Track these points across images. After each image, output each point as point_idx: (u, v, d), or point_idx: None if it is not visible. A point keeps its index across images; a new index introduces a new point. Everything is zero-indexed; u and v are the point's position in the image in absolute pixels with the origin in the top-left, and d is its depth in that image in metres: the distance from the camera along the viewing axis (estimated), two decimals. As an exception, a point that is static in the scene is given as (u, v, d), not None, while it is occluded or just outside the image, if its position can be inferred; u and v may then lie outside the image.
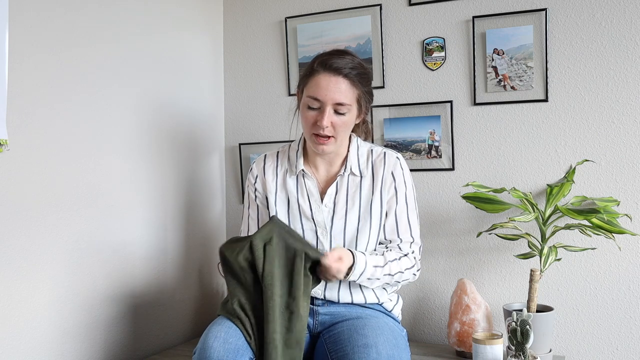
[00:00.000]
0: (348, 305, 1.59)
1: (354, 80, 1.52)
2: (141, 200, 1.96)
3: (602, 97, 1.85)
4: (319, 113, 1.52)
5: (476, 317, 1.80)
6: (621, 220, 1.75)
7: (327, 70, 1.51)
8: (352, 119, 1.56)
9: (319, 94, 1.51)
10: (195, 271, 2.23)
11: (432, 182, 2.06)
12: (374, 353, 1.35)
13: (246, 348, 1.38)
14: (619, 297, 1.83)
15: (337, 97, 1.50)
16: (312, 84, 1.52)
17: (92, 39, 1.77)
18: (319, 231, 1.59)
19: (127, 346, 1.90)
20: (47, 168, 1.63)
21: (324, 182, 1.64)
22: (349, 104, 1.52)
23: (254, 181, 1.69)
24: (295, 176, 1.64)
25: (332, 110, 1.51)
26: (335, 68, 1.50)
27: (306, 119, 1.55)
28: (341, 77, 1.50)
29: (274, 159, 1.69)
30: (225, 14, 2.41)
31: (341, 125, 1.53)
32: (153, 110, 2.01)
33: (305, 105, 1.55)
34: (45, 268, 1.63)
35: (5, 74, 1.45)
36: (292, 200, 1.63)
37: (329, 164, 1.64)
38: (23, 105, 1.56)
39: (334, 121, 1.52)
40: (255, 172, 1.70)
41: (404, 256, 1.58)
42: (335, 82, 1.50)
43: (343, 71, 1.50)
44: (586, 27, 1.86)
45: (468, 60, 2.01)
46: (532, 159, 1.93)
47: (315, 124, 1.53)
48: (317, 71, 1.52)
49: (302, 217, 1.61)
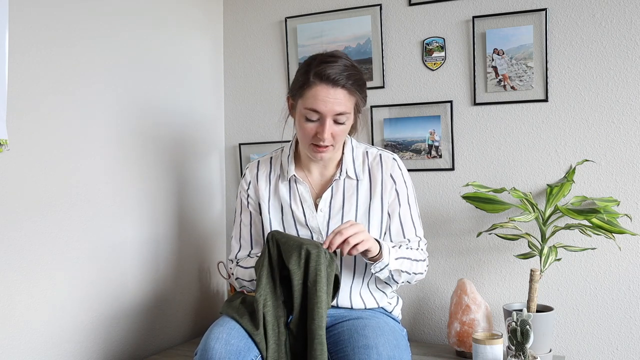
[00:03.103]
0: (347, 309, 1.59)
1: (350, 89, 1.50)
2: (141, 200, 1.96)
3: (602, 97, 1.85)
4: (319, 125, 1.50)
5: (476, 317, 1.80)
6: (621, 220, 1.75)
7: (325, 82, 1.48)
8: (349, 125, 1.56)
9: (318, 106, 1.48)
10: (196, 271, 2.23)
11: (432, 182, 2.06)
12: (375, 354, 1.35)
13: (249, 349, 1.37)
14: (619, 297, 1.83)
15: (337, 108, 1.49)
16: (310, 96, 1.49)
17: (92, 39, 1.77)
18: (314, 237, 1.58)
19: (127, 346, 1.90)
20: (47, 168, 1.63)
21: (318, 187, 1.63)
22: (348, 112, 1.51)
23: (247, 187, 1.68)
24: (287, 182, 1.63)
25: (331, 121, 1.50)
26: (332, 80, 1.47)
27: (304, 131, 1.52)
28: (339, 88, 1.48)
29: (267, 165, 1.68)
30: (225, 14, 2.41)
31: (340, 134, 1.53)
32: (153, 110, 2.01)
33: (302, 117, 1.52)
34: (45, 268, 1.63)
35: (5, 74, 1.45)
36: (285, 208, 1.62)
37: (323, 168, 1.63)
38: (23, 105, 1.56)
39: (333, 131, 1.51)
40: (248, 178, 1.69)
41: (415, 249, 1.60)
42: (334, 94, 1.48)
43: (340, 82, 1.48)
44: (586, 27, 1.86)
45: (468, 60, 2.01)
46: (532, 159, 1.93)
47: (315, 135, 1.51)
48: (314, 83, 1.49)
49: (296, 223, 1.60)
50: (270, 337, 1.40)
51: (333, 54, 1.54)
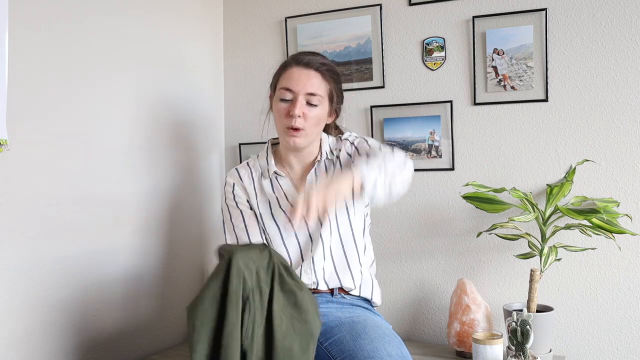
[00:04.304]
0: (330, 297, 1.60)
1: (325, 74, 1.60)
2: (141, 199, 1.96)
3: (602, 97, 1.85)
4: (292, 104, 1.57)
5: (476, 317, 1.80)
6: (621, 220, 1.75)
7: (299, 64, 1.59)
8: (323, 113, 1.61)
9: (292, 84, 1.58)
10: (196, 271, 2.23)
11: (432, 182, 2.06)
12: (386, 356, 1.35)
13: None
14: (619, 297, 1.83)
15: (309, 87, 1.57)
16: (285, 77, 1.60)
17: (92, 39, 1.77)
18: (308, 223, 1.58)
19: (127, 346, 1.90)
20: (46, 168, 1.63)
21: (301, 177, 1.68)
22: (321, 95, 1.59)
23: (232, 189, 1.70)
24: (269, 179, 1.68)
25: (304, 101, 1.57)
26: (307, 62, 1.58)
27: (279, 112, 1.60)
28: (313, 70, 1.58)
29: (246, 168, 1.73)
30: (225, 14, 2.41)
31: (312, 118, 1.58)
32: (152, 109, 2.01)
33: (277, 99, 1.61)
34: (45, 267, 1.63)
35: (5, 74, 1.45)
36: (272, 202, 1.66)
37: (303, 158, 1.67)
38: (23, 105, 1.56)
39: (305, 112, 1.57)
40: (231, 181, 1.71)
41: (391, 151, 1.56)
42: (307, 75, 1.58)
43: (314, 65, 1.58)
44: (586, 27, 1.86)
45: (468, 60, 2.01)
46: (532, 159, 1.93)
47: (288, 114, 1.57)
48: (290, 64, 1.61)
49: (287, 215, 1.62)
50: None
51: (312, 51, 1.68)
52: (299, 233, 1.62)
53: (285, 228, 1.63)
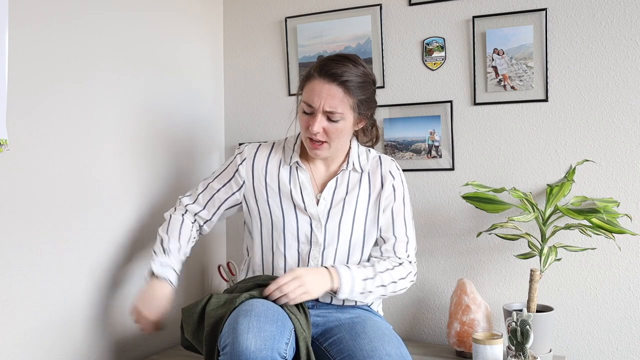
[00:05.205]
0: (329, 306, 1.59)
1: (348, 88, 1.49)
2: (141, 199, 1.96)
3: (602, 97, 1.85)
4: (312, 118, 1.52)
5: (476, 317, 1.80)
6: (621, 220, 1.75)
7: (323, 76, 1.49)
8: (347, 126, 1.54)
9: (311, 100, 1.50)
10: (196, 271, 2.23)
11: (432, 182, 2.06)
12: (385, 356, 1.35)
13: (281, 332, 1.30)
14: (619, 297, 1.83)
15: (328, 105, 1.49)
16: (308, 89, 1.53)
17: (92, 39, 1.77)
18: (313, 224, 1.59)
19: (127, 346, 1.90)
20: (46, 168, 1.63)
21: (321, 179, 1.65)
22: (341, 112, 1.50)
23: (240, 162, 1.66)
24: (288, 167, 1.64)
25: (323, 117, 1.51)
26: (331, 74, 1.48)
27: (301, 121, 1.56)
28: (335, 84, 1.48)
29: (268, 148, 1.68)
30: (225, 14, 2.41)
31: (334, 132, 1.52)
32: (152, 110, 2.01)
33: (301, 109, 1.55)
34: (45, 267, 1.63)
35: (5, 73, 1.45)
36: (284, 190, 1.62)
37: (331, 162, 1.65)
38: (23, 105, 1.56)
39: (326, 127, 1.51)
40: (245, 154, 1.67)
41: (398, 265, 1.58)
42: (329, 90, 1.48)
43: (338, 78, 1.47)
44: (586, 27, 1.86)
45: (468, 60, 2.01)
46: (532, 159, 1.93)
47: (308, 128, 1.53)
48: (313, 76, 1.52)
49: (296, 208, 1.60)
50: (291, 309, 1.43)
51: (344, 54, 1.56)
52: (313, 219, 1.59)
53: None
